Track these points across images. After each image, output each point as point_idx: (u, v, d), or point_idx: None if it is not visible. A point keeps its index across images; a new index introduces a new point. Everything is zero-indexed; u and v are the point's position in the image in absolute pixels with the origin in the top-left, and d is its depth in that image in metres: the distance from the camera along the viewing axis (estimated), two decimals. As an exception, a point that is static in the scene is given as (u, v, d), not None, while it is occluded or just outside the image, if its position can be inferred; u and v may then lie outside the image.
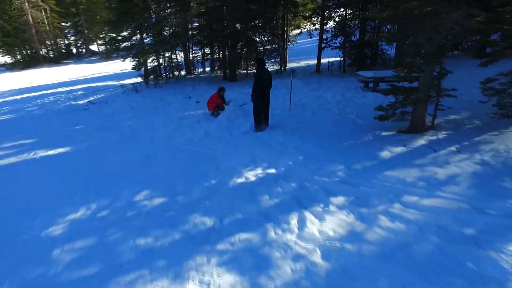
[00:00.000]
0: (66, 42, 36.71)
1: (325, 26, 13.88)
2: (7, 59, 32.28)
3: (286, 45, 15.15)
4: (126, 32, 13.61)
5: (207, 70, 17.03)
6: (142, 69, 14.55)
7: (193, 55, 16.03)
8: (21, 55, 32.36)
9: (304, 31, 14.55)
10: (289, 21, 15.92)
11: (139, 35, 13.98)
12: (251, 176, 4.80)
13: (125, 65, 18.83)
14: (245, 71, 14.66)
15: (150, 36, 14.21)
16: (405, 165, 4.63)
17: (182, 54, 15.32)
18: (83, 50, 37.16)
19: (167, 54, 14.45)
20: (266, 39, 14.63)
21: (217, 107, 8.58)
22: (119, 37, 13.87)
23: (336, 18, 13.89)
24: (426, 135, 5.70)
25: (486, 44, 8.09)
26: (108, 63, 28.44)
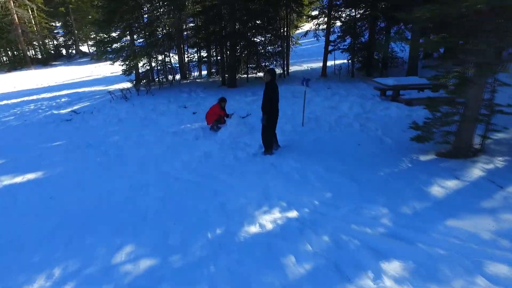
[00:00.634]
0: (55, 43, 35.25)
1: (332, 26, 12.81)
2: (-8, 61, 30.78)
3: (289, 47, 14.06)
4: (115, 33, 12.38)
5: (204, 73, 15.87)
6: (133, 73, 13.37)
7: (188, 58, 14.85)
8: (7, 57, 30.84)
9: (310, 31, 13.42)
10: (292, 21, 14.83)
11: (129, 37, 12.79)
12: (267, 222, 3.69)
13: (116, 67, 17.60)
14: (245, 76, 13.52)
15: (141, 37, 13.02)
16: (470, 210, 3.55)
17: (176, 57, 14.13)
18: (73, 51, 35.74)
19: (160, 57, 13.27)
20: (267, 40, 13.52)
21: (217, 120, 7.47)
22: (108, 38, 12.64)
23: (343, 18, 12.83)
24: (478, 162, 4.64)
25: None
26: (98, 65, 27.10)
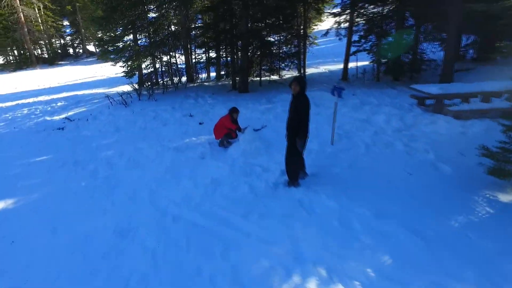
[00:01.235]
0: (62, 42, 34.59)
1: (356, 24, 11.51)
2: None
3: (305, 47, 12.79)
4: (117, 31, 11.31)
5: (212, 75, 14.71)
6: (136, 75, 12.30)
7: (196, 59, 13.70)
8: (13, 56, 30.25)
9: (331, 30, 12.10)
10: (309, 18, 13.58)
11: (132, 35, 11.72)
12: (303, 306, 2.48)
13: (120, 68, 16.63)
14: (258, 79, 12.31)
15: (145, 36, 11.94)
16: None
17: (183, 57, 12.99)
18: (80, 50, 35.04)
19: (165, 57, 12.15)
20: (283, 40, 12.28)
21: (228, 134, 6.28)
22: (110, 37, 11.57)
23: (367, 15, 11.50)
24: None
25: None
26: (104, 65, 26.19)
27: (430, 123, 6.07)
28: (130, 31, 11.37)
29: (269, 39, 11.86)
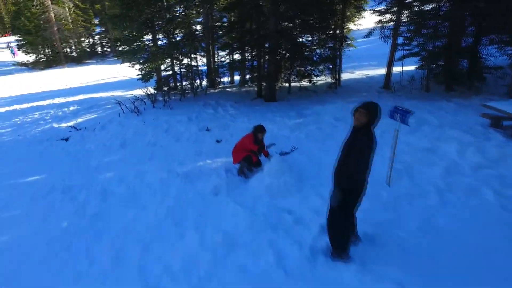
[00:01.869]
0: (91, 41, 34.89)
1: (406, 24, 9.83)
2: (30, 58, 30.70)
3: (341, 49, 11.25)
4: (132, 31, 10.34)
5: (236, 79, 13.49)
6: (154, 78, 11.32)
7: (218, 62, 12.51)
8: (44, 54, 30.74)
9: (375, 30, 10.43)
10: (348, 17, 12.01)
11: (150, 35, 10.73)
12: None
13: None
14: (287, 85, 10.92)
15: (164, 36, 10.91)
16: None
17: (204, 60, 11.85)
18: (108, 49, 35.22)
19: (186, 60, 11.05)
20: (316, 41, 10.82)
21: (247, 158, 4.94)
22: (125, 37, 10.65)
23: (414, 15, 9.77)
24: None
25: None
26: (126, 65, 25.85)
27: (524, 158, 4.45)
28: (147, 30, 10.37)
29: (301, 39, 10.45)
